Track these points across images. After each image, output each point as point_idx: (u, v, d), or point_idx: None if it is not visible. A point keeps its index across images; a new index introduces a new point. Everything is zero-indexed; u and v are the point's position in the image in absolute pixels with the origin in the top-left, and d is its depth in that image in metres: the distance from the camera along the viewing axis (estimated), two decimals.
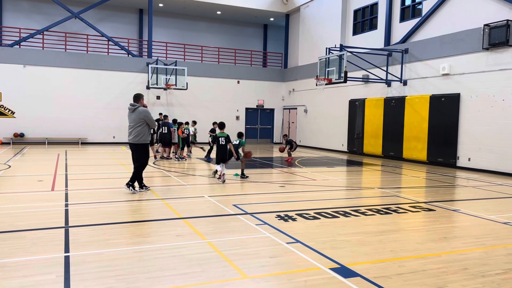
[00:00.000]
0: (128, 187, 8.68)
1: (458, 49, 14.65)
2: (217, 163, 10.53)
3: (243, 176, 11.15)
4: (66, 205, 7.36)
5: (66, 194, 8.37)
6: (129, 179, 8.82)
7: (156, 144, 15.99)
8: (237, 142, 11.22)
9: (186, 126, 15.89)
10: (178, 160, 15.04)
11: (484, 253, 5.14)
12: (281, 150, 16.12)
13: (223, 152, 10.51)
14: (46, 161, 14.26)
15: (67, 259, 4.61)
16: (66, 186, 9.35)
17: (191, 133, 16.18)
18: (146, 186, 9.01)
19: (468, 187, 10.84)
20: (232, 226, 6.16)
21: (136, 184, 8.91)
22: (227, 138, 10.55)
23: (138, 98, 8.77)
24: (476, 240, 5.72)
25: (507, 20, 12.72)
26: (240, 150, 11.21)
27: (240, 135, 11.68)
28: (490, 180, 11.92)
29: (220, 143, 10.53)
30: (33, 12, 23.69)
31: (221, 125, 10.80)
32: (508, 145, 12.89)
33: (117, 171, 12.49)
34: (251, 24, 28.82)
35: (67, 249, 4.94)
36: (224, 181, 10.28)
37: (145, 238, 5.52)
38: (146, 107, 8.85)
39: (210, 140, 15.77)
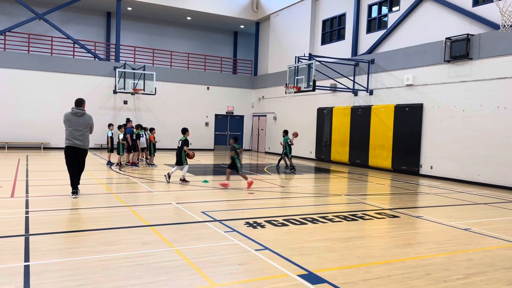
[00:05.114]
0: (75, 194, 8.56)
1: (421, 61, 15.17)
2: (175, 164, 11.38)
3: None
4: (27, 212, 7.08)
5: (27, 201, 8.05)
6: (71, 186, 8.66)
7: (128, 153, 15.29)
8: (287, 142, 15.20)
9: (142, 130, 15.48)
10: (150, 166, 14.90)
11: (446, 259, 5.30)
12: None
13: (178, 154, 11.17)
14: (6, 167, 13.69)
15: (27, 268, 4.43)
16: (27, 192, 9.00)
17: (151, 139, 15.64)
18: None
19: (431, 194, 11.18)
20: (200, 234, 6.09)
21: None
22: (183, 142, 11.09)
23: (82, 102, 8.65)
24: (438, 246, 5.90)
25: (467, 34, 13.30)
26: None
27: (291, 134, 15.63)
28: (451, 188, 12.35)
29: (178, 146, 11.22)
30: None
31: (182, 130, 11.39)
32: (469, 154, 13.42)
33: (81, 177, 12.09)
34: (221, 30, 28.84)
35: (27, 258, 4.74)
36: (168, 181, 10.99)
37: (110, 246, 5.37)
38: None
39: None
